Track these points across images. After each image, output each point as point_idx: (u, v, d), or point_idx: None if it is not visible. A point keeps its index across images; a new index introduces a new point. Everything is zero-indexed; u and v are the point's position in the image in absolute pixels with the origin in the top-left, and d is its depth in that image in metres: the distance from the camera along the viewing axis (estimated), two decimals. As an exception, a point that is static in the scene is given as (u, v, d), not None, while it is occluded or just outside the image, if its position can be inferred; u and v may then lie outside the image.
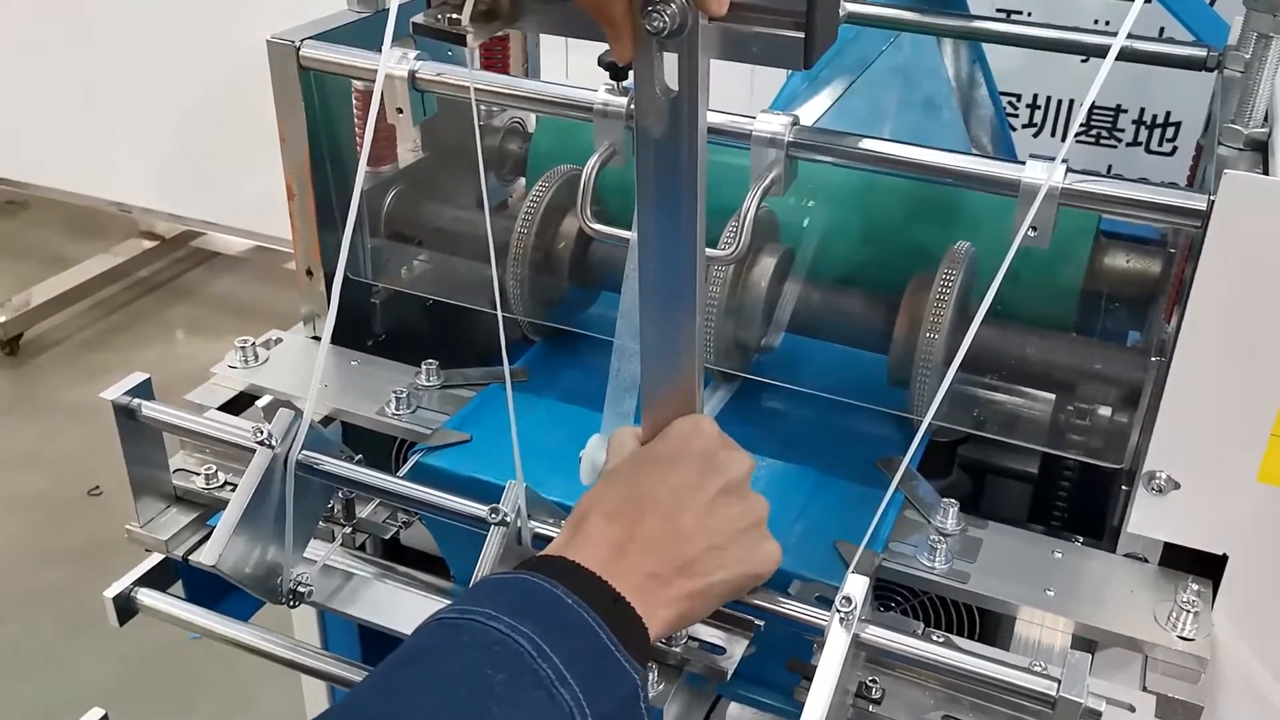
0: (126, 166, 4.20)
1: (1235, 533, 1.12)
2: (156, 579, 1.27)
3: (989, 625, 1.25)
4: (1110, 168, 2.93)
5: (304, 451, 1.09)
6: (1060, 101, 2.92)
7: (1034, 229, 1.07)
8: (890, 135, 1.95)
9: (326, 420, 1.41)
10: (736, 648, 1.07)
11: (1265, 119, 1.12)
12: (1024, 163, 1.07)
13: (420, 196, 1.54)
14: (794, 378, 1.38)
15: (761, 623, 1.01)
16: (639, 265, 0.94)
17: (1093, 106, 2.85)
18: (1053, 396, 1.27)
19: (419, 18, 0.87)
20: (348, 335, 1.53)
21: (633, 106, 1.14)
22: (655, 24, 0.79)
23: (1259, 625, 1.15)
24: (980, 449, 1.48)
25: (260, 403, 1.35)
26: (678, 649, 1.07)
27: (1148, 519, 1.15)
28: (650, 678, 1.04)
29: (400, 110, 1.29)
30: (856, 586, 0.93)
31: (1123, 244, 1.36)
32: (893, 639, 0.93)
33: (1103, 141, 2.89)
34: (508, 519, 1.00)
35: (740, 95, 2.27)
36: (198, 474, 1.26)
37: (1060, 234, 1.09)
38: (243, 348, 1.43)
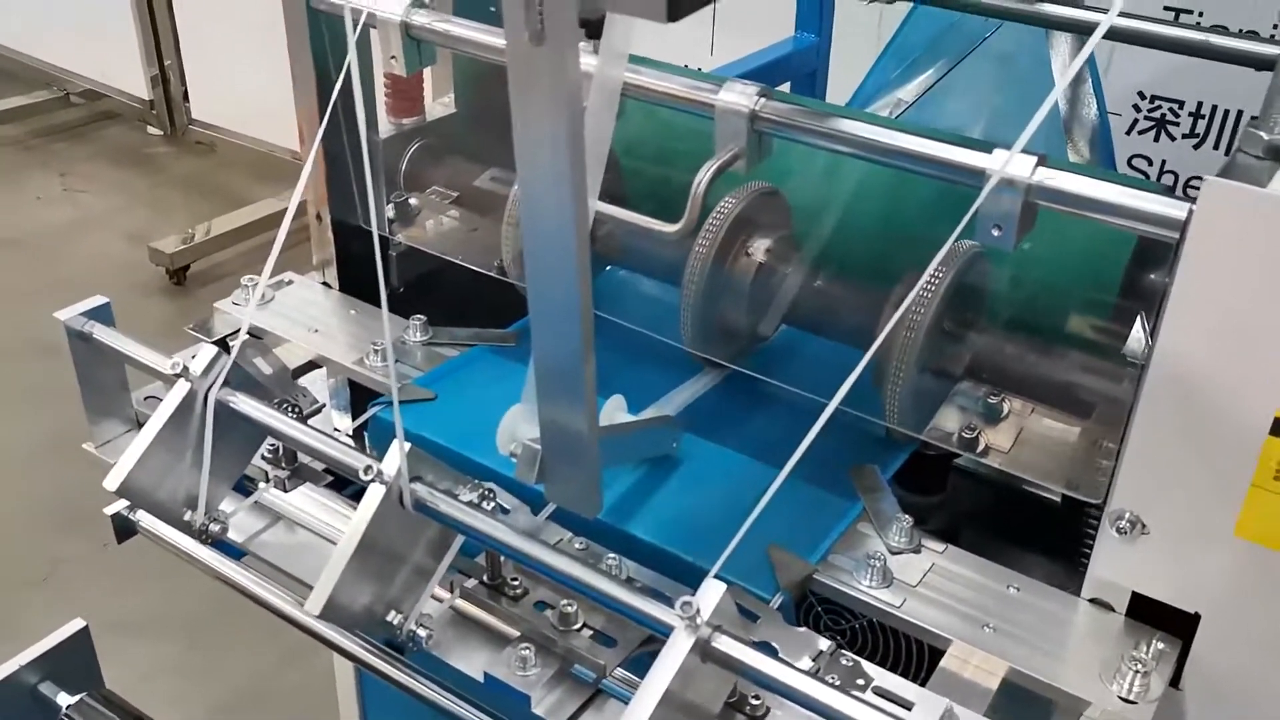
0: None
1: (1207, 590, 0.99)
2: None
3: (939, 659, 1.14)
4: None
5: (224, 390, 1.08)
6: (1228, 112, 2.68)
7: (998, 228, 0.96)
8: (981, 129, 1.84)
9: (310, 365, 1.41)
10: (629, 642, 1.02)
11: (1293, 124, 0.98)
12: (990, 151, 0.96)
13: (442, 152, 1.51)
14: (776, 372, 1.30)
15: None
16: (522, 225, 0.88)
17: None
18: (1023, 413, 1.15)
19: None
20: (363, 286, 1.53)
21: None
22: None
23: (1231, 696, 1.01)
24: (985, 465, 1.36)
25: (235, 342, 1.35)
26: (569, 636, 1.02)
27: (1112, 562, 1.03)
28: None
29: (394, 58, 1.26)
30: (710, 594, 0.86)
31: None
32: (743, 654, 0.85)
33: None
34: (385, 478, 0.97)
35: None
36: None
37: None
38: (247, 286, 1.44)
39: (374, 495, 0.97)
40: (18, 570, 2.94)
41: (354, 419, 1.43)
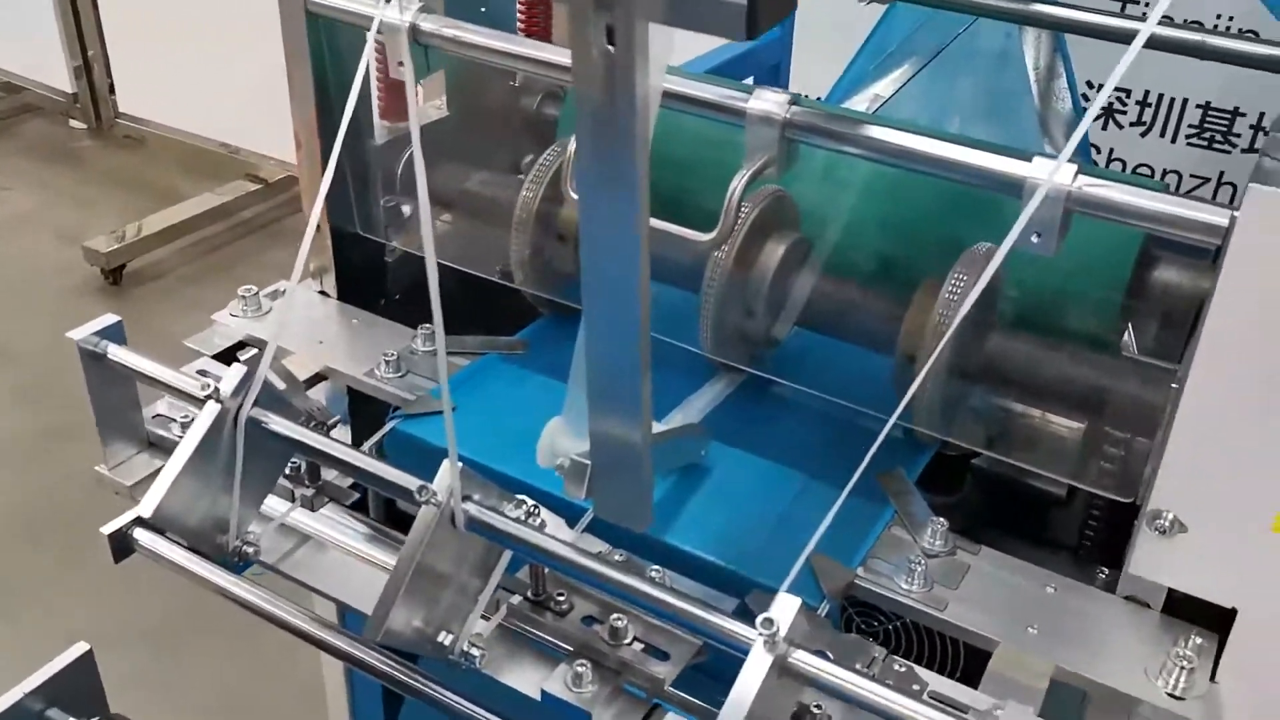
0: (234, 108, 4.27)
1: (1246, 585, 1.02)
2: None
3: (980, 659, 1.16)
4: (1222, 174, 2.74)
5: (256, 408, 1.06)
6: (1173, 100, 2.74)
7: (1038, 235, 0.98)
8: (958, 126, 1.86)
9: (319, 378, 1.38)
10: (681, 654, 1.02)
11: (1322, 130, 1.00)
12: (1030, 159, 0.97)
13: (438, 156, 1.49)
14: (800, 376, 1.31)
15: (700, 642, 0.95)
16: (581, 241, 0.87)
17: (1207, 107, 2.68)
18: (1056, 416, 1.16)
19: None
20: (360, 294, 1.50)
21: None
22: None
23: (1267, 689, 1.04)
24: (1002, 464, 1.38)
25: (244, 355, 1.32)
26: (620, 650, 1.02)
27: (1150, 561, 1.05)
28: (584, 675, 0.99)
29: (401, 64, 1.24)
30: (785, 608, 0.86)
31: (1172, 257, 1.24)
32: (821, 668, 0.85)
33: (1215, 145, 2.71)
34: (436, 499, 0.95)
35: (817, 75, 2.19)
36: (175, 421, 1.24)
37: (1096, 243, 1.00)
38: (244, 297, 1.41)
39: (426, 517, 0.96)
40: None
41: (353, 431, 1.41)
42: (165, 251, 4.34)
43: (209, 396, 1.04)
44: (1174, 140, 2.75)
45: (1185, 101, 2.69)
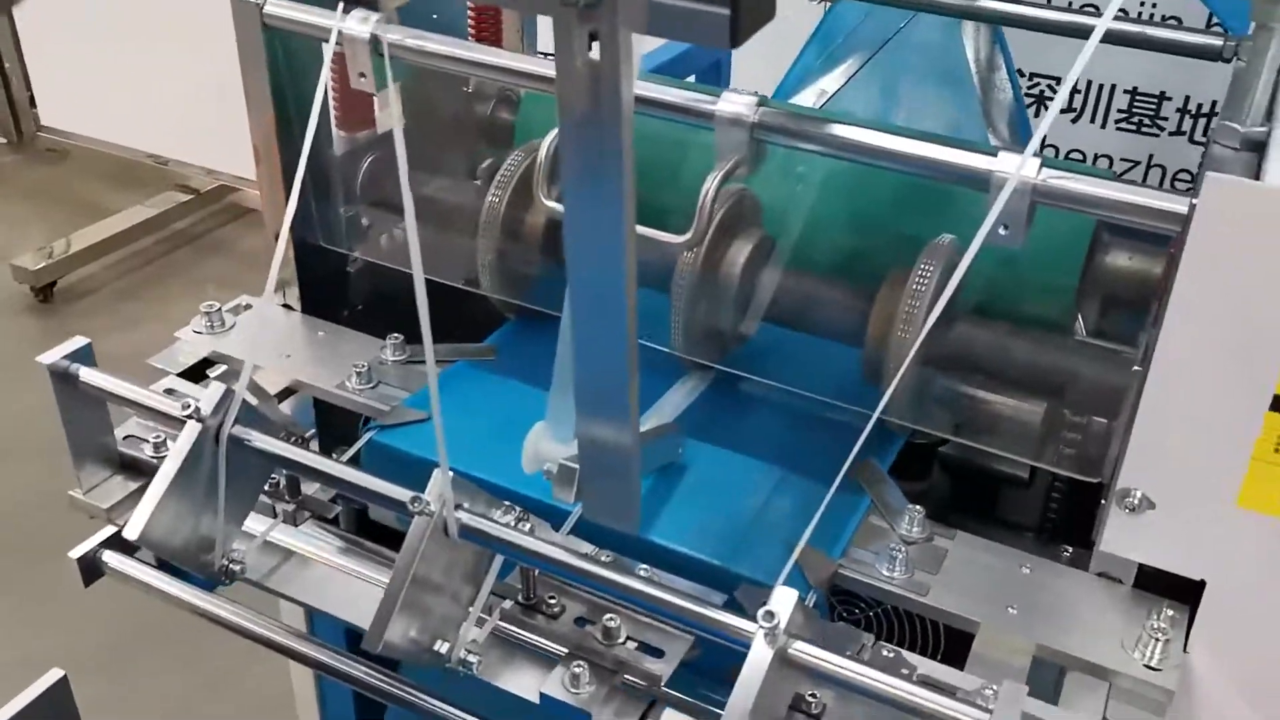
0: (164, 119, 4.21)
1: (1213, 558, 1.05)
2: (126, 542, 1.24)
3: (957, 640, 1.19)
4: (1151, 157, 2.82)
5: (236, 426, 1.05)
6: (1102, 86, 2.82)
7: (1005, 227, 1.00)
8: (903, 119, 1.90)
9: (289, 392, 1.37)
10: (675, 651, 1.03)
11: (1267, 117, 1.04)
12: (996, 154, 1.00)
13: (395, 164, 1.48)
14: (770, 371, 1.33)
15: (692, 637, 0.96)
16: (566, 246, 0.88)
17: (1134, 92, 2.75)
18: (1024, 402, 1.20)
19: (336, -20, 0.82)
20: (323, 305, 1.50)
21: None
22: (574, -6, 0.74)
23: (1237, 657, 1.08)
24: (967, 450, 1.41)
25: (213, 372, 1.31)
26: (615, 650, 1.03)
27: (1121, 538, 1.08)
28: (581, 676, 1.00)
29: (363, 75, 1.24)
30: (784, 600, 0.88)
31: (1124, 243, 1.28)
32: (822, 658, 0.88)
33: (1144, 130, 2.78)
34: (430, 509, 0.96)
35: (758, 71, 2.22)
36: (147, 441, 1.23)
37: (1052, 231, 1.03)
38: (208, 313, 1.40)
39: (419, 527, 0.97)
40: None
41: (321, 444, 1.40)
42: (96, 267, 4.27)
43: (190, 416, 1.03)
44: (1104, 126, 2.82)
45: (1114, 87, 2.77)
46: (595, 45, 0.77)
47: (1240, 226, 0.93)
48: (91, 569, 1.23)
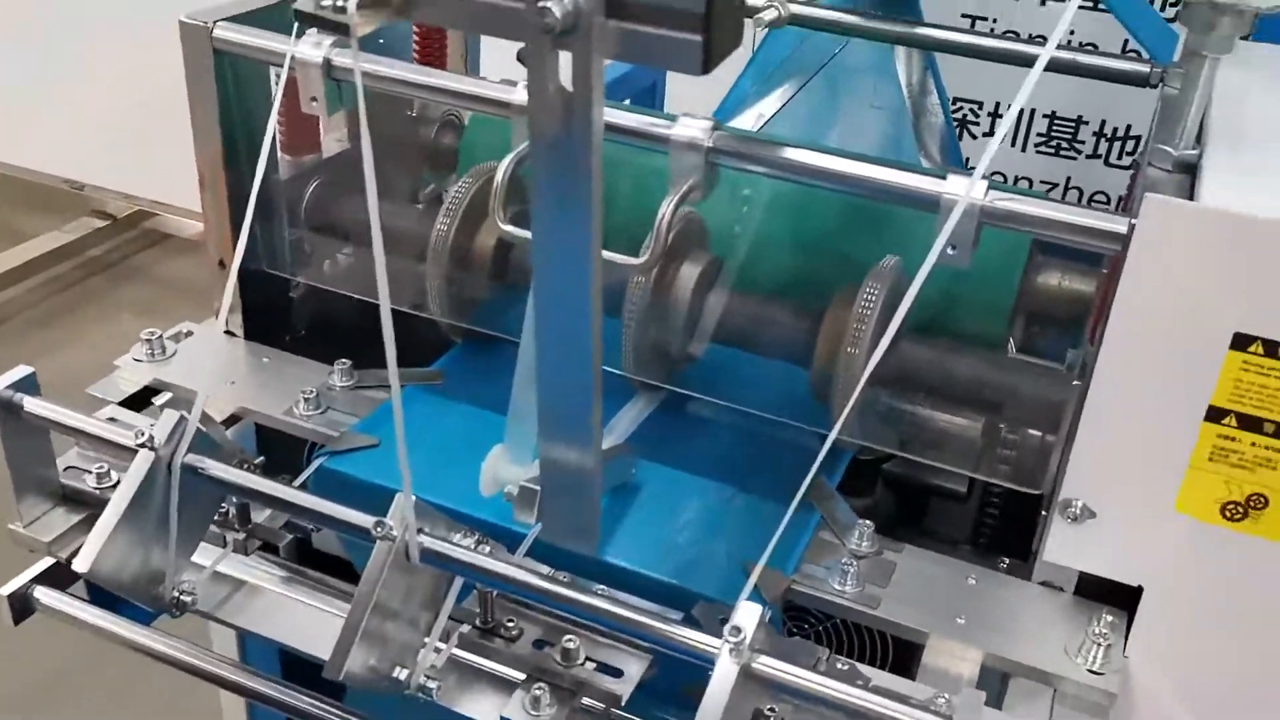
0: (78, 143, 4.12)
1: (1152, 564, 1.09)
2: (58, 577, 1.22)
3: (906, 651, 1.21)
4: (1069, 179, 2.90)
5: (190, 455, 1.04)
6: (1022, 111, 2.89)
7: (952, 247, 1.04)
8: (837, 141, 1.94)
9: (234, 419, 1.36)
10: (634, 670, 1.04)
11: (1197, 141, 1.09)
12: (945, 177, 1.03)
13: (342, 188, 1.49)
14: (718, 391, 1.35)
15: (650, 656, 0.97)
16: (534, 270, 0.89)
17: (1053, 116, 2.83)
18: (969, 418, 1.23)
19: (301, 3, 0.82)
20: (265, 331, 1.48)
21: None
22: (547, 21, 0.75)
23: (1173, 660, 1.12)
24: (909, 466, 1.44)
25: (159, 400, 1.30)
26: (574, 671, 1.04)
27: (1063, 548, 1.12)
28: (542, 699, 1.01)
29: (314, 100, 1.24)
30: (748, 615, 0.89)
31: (1058, 262, 1.33)
32: (786, 671, 0.89)
33: (1062, 152, 2.87)
34: (393, 533, 0.96)
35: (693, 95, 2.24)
36: (89, 472, 1.21)
37: (991, 251, 1.06)
38: (149, 340, 1.38)
39: (381, 553, 0.96)
40: None
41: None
42: (11, 293, 4.16)
43: (143, 445, 1.02)
44: (1024, 149, 2.90)
45: (1034, 112, 2.85)
46: (566, 72, 0.79)
47: (1176, 244, 0.98)
48: (23, 606, 1.20)
